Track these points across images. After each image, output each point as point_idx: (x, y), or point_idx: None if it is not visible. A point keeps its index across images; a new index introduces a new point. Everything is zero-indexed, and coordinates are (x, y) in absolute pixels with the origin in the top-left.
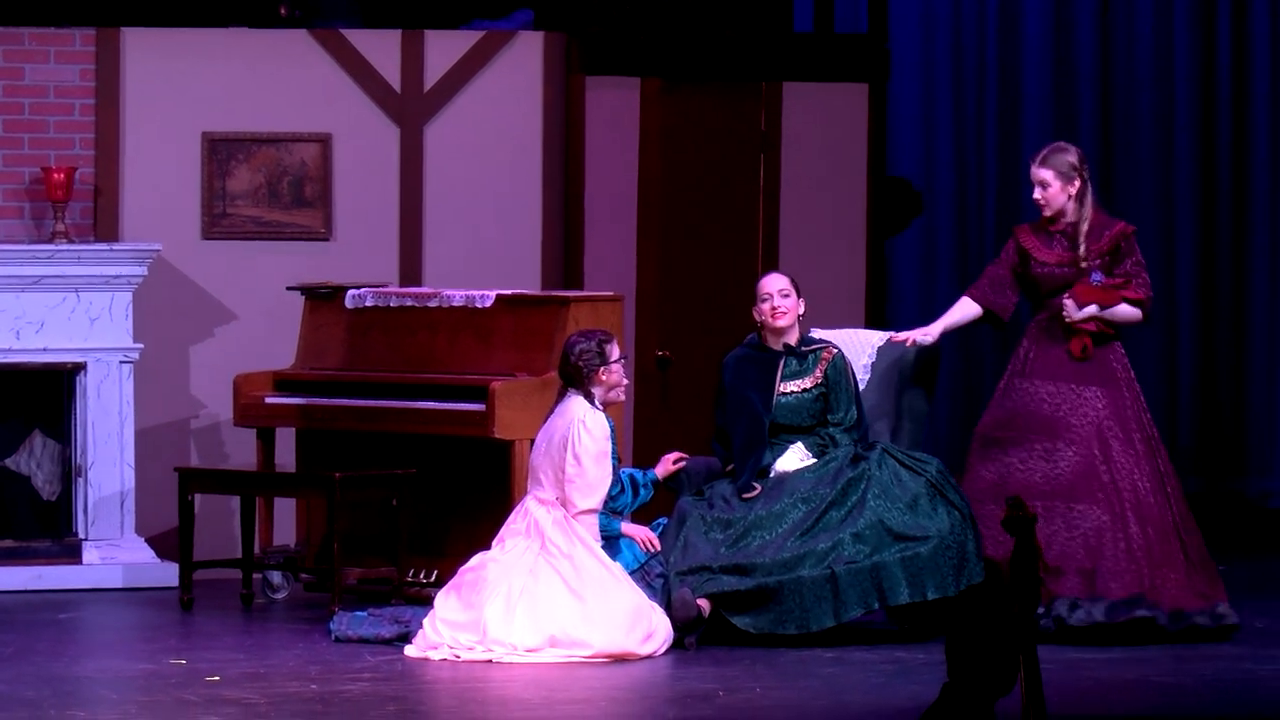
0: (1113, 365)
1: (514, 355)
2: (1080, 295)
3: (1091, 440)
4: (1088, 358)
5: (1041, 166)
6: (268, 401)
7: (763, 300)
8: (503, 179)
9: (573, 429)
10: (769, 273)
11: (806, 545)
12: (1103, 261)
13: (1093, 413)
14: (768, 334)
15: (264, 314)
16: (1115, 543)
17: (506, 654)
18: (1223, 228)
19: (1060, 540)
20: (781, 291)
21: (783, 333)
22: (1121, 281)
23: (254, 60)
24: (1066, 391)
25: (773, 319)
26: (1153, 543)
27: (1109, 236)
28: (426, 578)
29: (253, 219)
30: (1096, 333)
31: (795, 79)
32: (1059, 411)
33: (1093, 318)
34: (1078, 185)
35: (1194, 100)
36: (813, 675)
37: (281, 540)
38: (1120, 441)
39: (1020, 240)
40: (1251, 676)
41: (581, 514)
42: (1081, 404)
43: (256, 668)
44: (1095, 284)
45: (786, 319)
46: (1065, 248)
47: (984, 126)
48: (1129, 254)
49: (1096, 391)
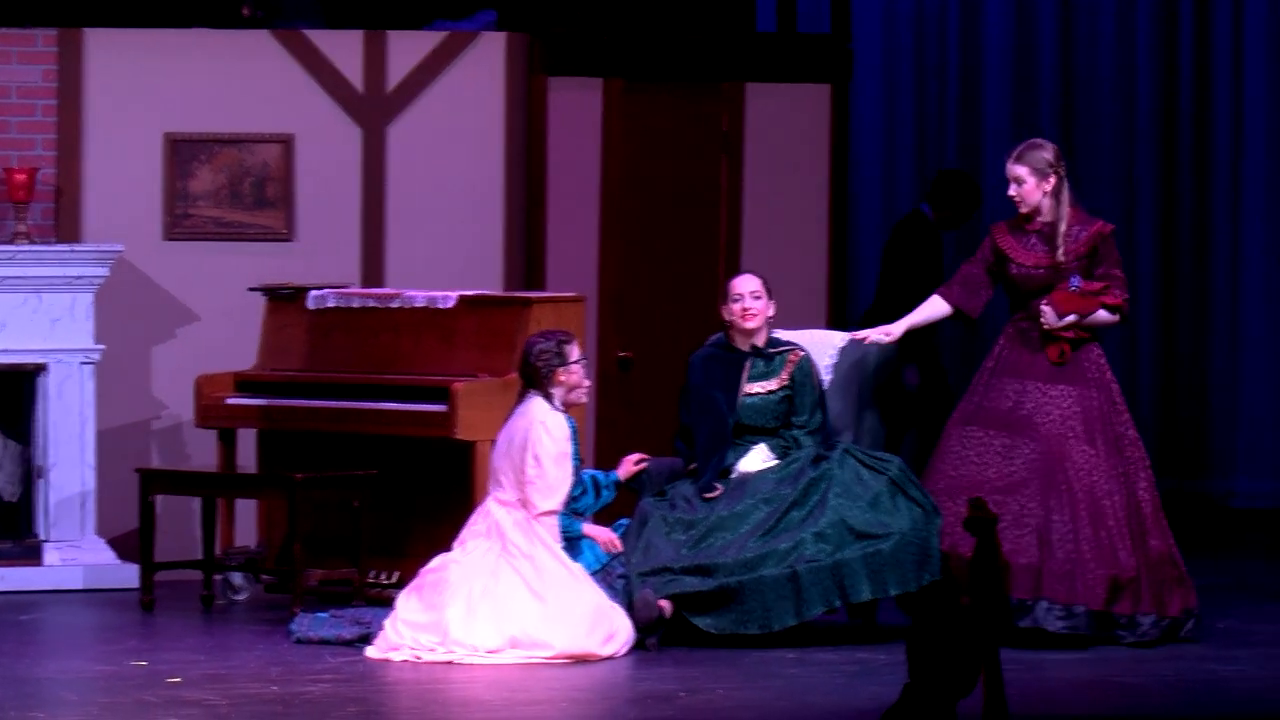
0: (1085, 365)
1: (476, 356)
2: (1060, 304)
3: (1050, 439)
4: (1065, 363)
5: (1016, 163)
6: (229, 402)
7: (734, 300)
8: (465, 180)
9: (533, 430)
10: (742, 273)
11: (768, 545)
12: (1080, 263)
13: (1057, 411)
14: (736, 334)
15: (225, 315)
16: (1063, 543)
17: (468, 655)
18: (1183, 227)
19: (1009, 538)
20: (753, 293)
21: (751, 334)
22: (1101, 287)
23: (216, 61)
24: (1033, 390)
25: (742, 320)
26: (1103, 545)
27: (1087, 237)
28: (388, 579)
29: (214, 220)
30: (1074, 339)
31: (758, 79)
32: (1022, 409)
33: (1071, 325)
34: (1053, 182)
35: (1155, 100)
36: (775, 676)
37: (243, 541)
38: (1081, 441)
39: (997, 240)
40: (1214, 677)
41: (542, 515)
42: (1046, 403)
43: (217, 669)
44: (1074, 290)
45: (756, 320)
46: (1043, 248)
47: (945, 127)
48: (1108, 256)
49: (1064, 390)
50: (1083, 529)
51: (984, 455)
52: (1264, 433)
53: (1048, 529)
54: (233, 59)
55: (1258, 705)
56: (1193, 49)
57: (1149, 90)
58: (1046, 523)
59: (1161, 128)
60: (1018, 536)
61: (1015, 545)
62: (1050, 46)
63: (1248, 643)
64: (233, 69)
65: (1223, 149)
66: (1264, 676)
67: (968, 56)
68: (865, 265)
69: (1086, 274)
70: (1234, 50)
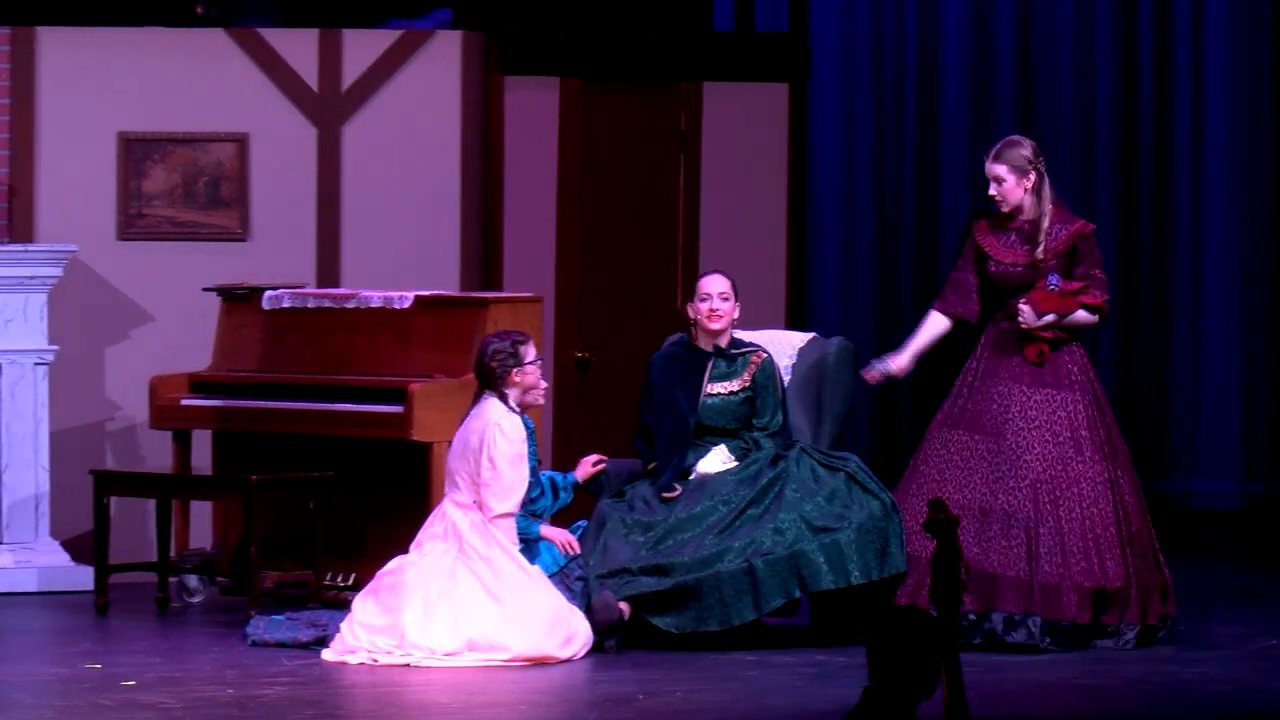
0: (1068, 368)
1: (433, 357)
2: (1038, 303)
3: (1037, 445)
4: (1043, 363)
5: (995, 162)
6: (184, 403)
7: (701, 300)
8: (421, 179)
9: (488, 431)
10: (712, 272)
11: (725, 542)
12: (1059, 262)
13: (1042, 417)
14: (699, 333)
15: (180, 315)
16: (1051, 556)
17: (425, 658)
18: (1144, 228)
19: (997, 548)
20: (722, 294)
21: (716, 335)
22: (1080, 286)
23: (170, 59)
24: (1018, 394)
25: (709, 320)
26: (1090, 557)
27: (1066, 235)
28: (344, 581)
29: (169, 219)
30: (1053, 339)
31: (715, 78)
32: (1007, 414)
33: (1049, 325)
34: (1033, 178)
35: (1115, 99)
36: (734, 678)
37: (198, 543)
38: (1067, 447)
39: (977, 238)
40: (1176, 679)
41: (498, 517)
42: (1031, 408)
43: (173, 672)
44: (1053, 289)
45: (722, 322)
46: (1022, 246)
47: (903, 126)
48: (1088, 255)
49: (1049, 394)
50: (1071, 541)
51: (969, 460)
52: (1225, 433)
53: (1036, 541)
54: (187, 57)
55: (1220, 708)
56: (1152, 49)
57: (1108, 90)
58: (1035, 534)
59: (1121, 127)
60: (1006, 549)
61: (1004, 558)
62: (1008, 45)
63: (1210, 645)
64: (187, 67)
65: (1183, 149)
66: (1225, 679)
67: (925, 56)
68: (823, 265)
69: (1065, 273)
70: (1193, 50)
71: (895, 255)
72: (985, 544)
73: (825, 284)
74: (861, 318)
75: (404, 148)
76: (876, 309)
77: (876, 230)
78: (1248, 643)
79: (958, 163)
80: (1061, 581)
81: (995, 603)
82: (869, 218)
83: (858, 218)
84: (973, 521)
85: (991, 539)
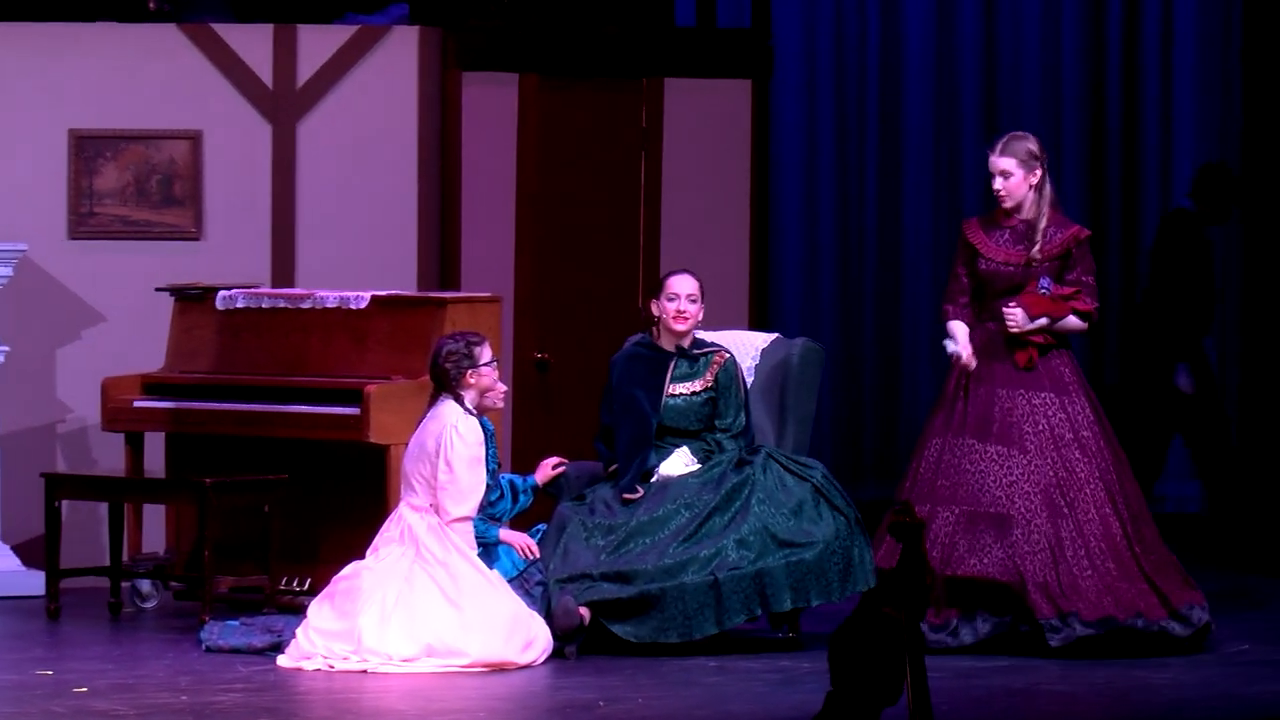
0: (1061, 371)
1: (389, 358)
2: (1031, 307)
3: (1047, 449)
4: (1033, 368)
5: (1003, 155)
6: (136, 405)
7: (669, 299)
8: (378, 177)
9: (445, 434)
10: (681, 271)
11: (689, 551)
12: (1052, 265)
13: (1045, 421)
14: (662, 333)
15: (132, 315)
16: (1077, 559)
17: (382, 664)
18: (1112, 229)
19: (1020, 553)
20: (690, 295)
21: (679, 335)
22: (1072, 292)
23: (122, 55)
24: (1020, 399)
25: (675, 321)
26: (1107, 555)
27: (1061, 240)
28: (300, 586)
29: (121, 218)
30: (1042, 344)
31: (677, 75)
32: (1011, 418)
33: (1040, 329)
34: (1038, 174)
35: (1082, 98)
36: (696, 684)
37: (151, 548)
38: (1073, 449)
39: (968, 235)
40: (1145, 684)
41: (455, 521)
42: (1033, 411)
43: (125, 678)
44: (1044, 293)
45: (688, 324)
46: (1014, 246)
47: (865, 123)
48: (1080, 260)
49: (1049, 398)
50: (1094, 543)
51: (979, 464)
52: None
53: (1059, 545)
54: (139, 53)
55: (1188, 712)
56: (1121, 44)
57: (1075, 88)
58: (1057, 539)
59: (1089, 126)
60: (1029, 554)
61: (1028, 564)
62: (972, 40)
63: (1179, 649)
64: (139, 63)
65: (1151, 147)
66: (1194, 683)
67: (888, 53)
68: (787, 264)
69: (1057, 278)
70: (1161, 50)
71: (858, 255)
72: (1008, 550)
73: (788, 284)
74: (825, 318)
75: (360, 145)
76: (839, 309)
77: (839, 230)
78: (1218, 647)
79: (922, 161)
80: (1083, 582)
81: (1033, 611)
82: (831, 216)
83: (819, 216)
84: (990, 528)
85: (1015, 545)
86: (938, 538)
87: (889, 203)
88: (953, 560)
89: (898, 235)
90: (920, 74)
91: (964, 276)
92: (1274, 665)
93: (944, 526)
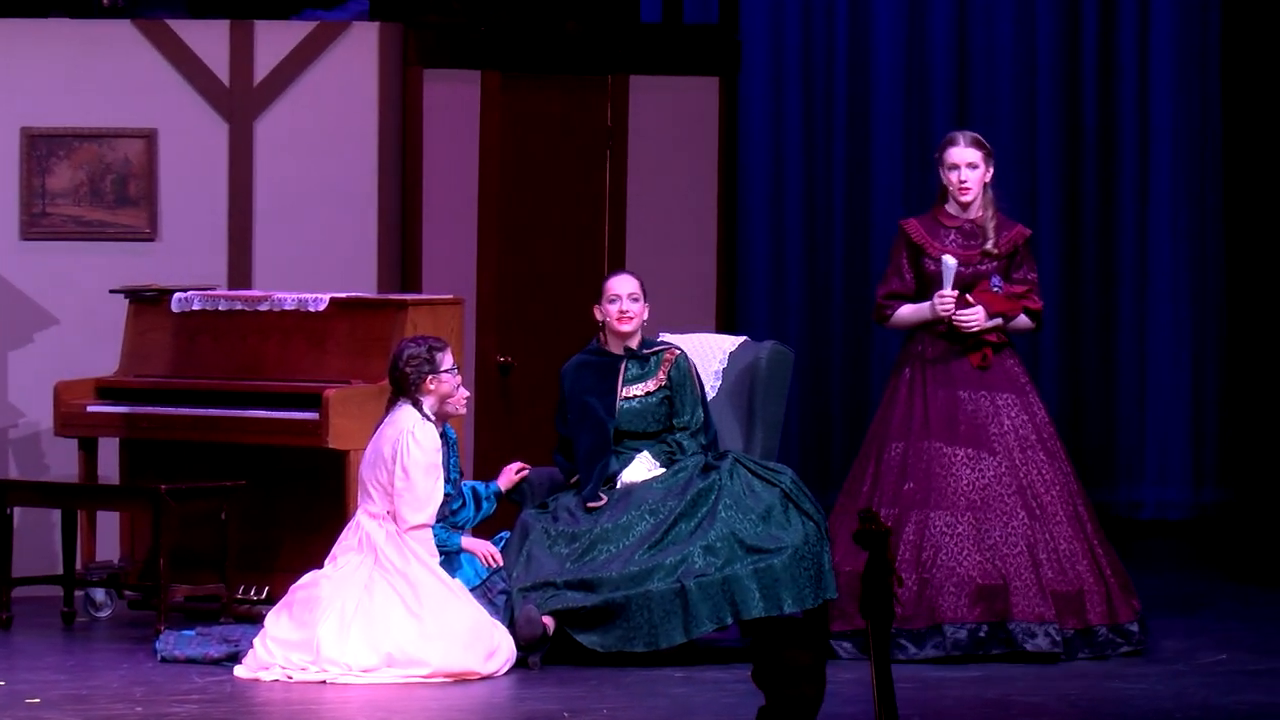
0: (1014, 372)
1: (349, 361)
2: (989, 305)
3: (1013, 450)
4: (988, 366)
5: (970, 147)
6: (90, 410)
7: (610, 301)
8: (337, 177)
9: (401, 440)
10: (619, 272)
11: (655, 558)
12: (1000, 264)
13: (1009, 421)
14: (608, 337)
15: (86, 318)
16: (1052, 561)
17: (341, 674)
18: (1088, 233)
19: (1000, 555)
20: (631, 295)
21: (626, 336)
22: (1024, 290)
23: (75, 52)
24: (983, 400)
25: (618, 322)
26: (1077, 559)
27: (1008, 239)
28: (257, 595)
29: (74, 219)
30: (996, 343)
31: (643, 72)
32: (978, 419)
33: (995, 329)
34: (991, 172)
35: (1057, 95)
36: (661, 695)
37: (105, 556)
38: (1038, 450)
39: (910, 234)
40: (1119, 695)
41: (413, 529)
42: (998, 413)
43: (79, 689)
44: (997, 291)
45: (633, 324)
46: (964, 244)
47: (833, 120)
48: (1026, 259)
49: (1010, 399)
50: (1062, 545)
51: (950, 467)
52: (1172, 442)
53: (1035, 548)
54: (92, 50)
55: None
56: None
57: (1050, 85)
58: (1034, 541)
59: (1066, 125)
60: (1009, 556)
61: (1009, 566)
62: (943, 36)
63: (1156, 659)
64: (93, 60)
65: (1129, 150)
66: (1168, 694)
67: (856, 50)
68: (754, 264)
69: (1005, 276)
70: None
71: (826, 256)
72: (986, 553)
73: (755, 286)
74: (791, 320)
75: (319, 144)
76: (807, 311)
77: (805, 227)
78: (1195, 657)
79: (891, 159)
80: (1070, 587)
81: (1011, 613)
82: (798, 214)
83: (786, 215)
84: (968, 530)
85: (994, 547)
86: (910, 542)
87: (858, 203)
88: (928, 564)
89: (867, 236)
90: (891, 70)
91: (909, 278)
92: (1251, 675)
93: (917, 530)
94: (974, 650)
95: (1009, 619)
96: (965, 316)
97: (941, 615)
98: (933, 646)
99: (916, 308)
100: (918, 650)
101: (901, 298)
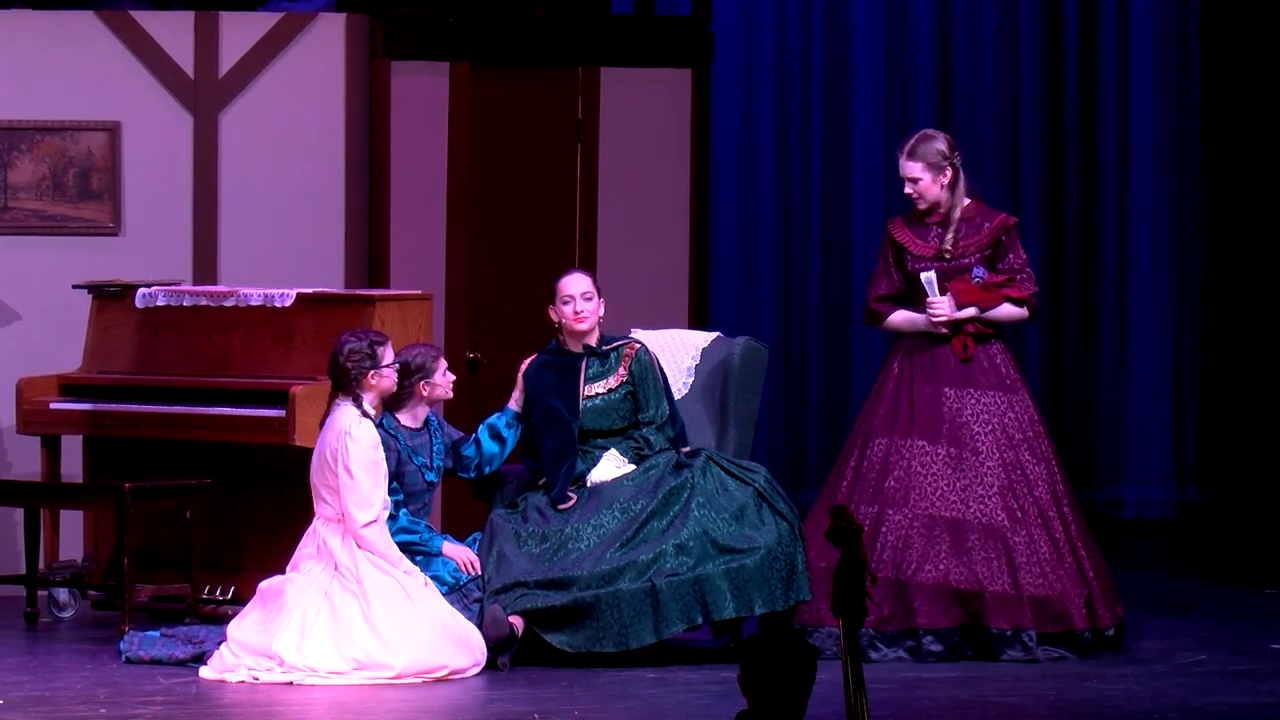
0: (1002, 368)
1: (316, 358)
2: (961, 295)
3: (998, 450)
4: (970, 356)
5: (909, 159)
6: (52, 407)
7: (564, 303)
8: (303, 170)
9: (340, 441)
10: (570, 271)
11: (627, 557)
12: (983, 256)
13: (993, 419)
14: (566, 337)
15: (48, 314)
16: (1030, 566)
17: (307, 676)
18: (1070, 231)
19: (978, 560)
20: (584, 294)
21: (584, 335)
22: (1004, 279)
23: (37, 43)
24: (968, 398)
25: (574, 322)
26: (1058, 563)
27: (989, 229)
28: (223, 595)
29: (36, 213)
30: (975, 332)
31: (614, 63)
32: (961, 417)
33: (971, 318)
34: (949, 174)
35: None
36: (633, 696)
37: (68, 555)
38: (1022, 450)
39: (894, 235)
40: (1098, 696)
41: (364, 527)
42: (982, 411)
43: (42, 690)
44: (977, 281)
45: (589, 322)
46: (942, 238)
47: (809, 113)
48: (1011, 248)
49: (995, 397)
50: (1042, 550)
51: (931, 467)
52: (1153, 441)
53: (1013, 552)
54: (55, 41)
55: None
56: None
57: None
58: (1011, 545)
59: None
60: (987, 561)
61: (988, 570)
62: (924, 24)
63: (1134, 660)
64: (55, 52)
65: (1108, 148)
66: (1147, 695)
67: (832, 41)
68: (726, 259)
69: (990, 266)
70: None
71: (799, 250)
72: (964, 556)
73: (727, 280)
74: (764, 316)
75: (285, 137)
76: (780, 307)
77: (778, 223)
78: (1174, 657)
79: (870, 151)
80: (1050, 591)
81: (986, 619)
82: (770, 210)
83: (758, 210)
84: (945, 532)
85: (971, 551)
86: (888, 541)
87: (835, 197)
88: (906, 565)
89: (846, 230)
90: (869, 61)
91: (898, 278)
92: (1230, 676)
93: (895, 530)
94: (950, 655)
95: (984, 621)
96: (934, 309)
97: (916, 619)
98: (906, 650)
99: (911, 318)
100: (890, 651)
101: (892, 299)
